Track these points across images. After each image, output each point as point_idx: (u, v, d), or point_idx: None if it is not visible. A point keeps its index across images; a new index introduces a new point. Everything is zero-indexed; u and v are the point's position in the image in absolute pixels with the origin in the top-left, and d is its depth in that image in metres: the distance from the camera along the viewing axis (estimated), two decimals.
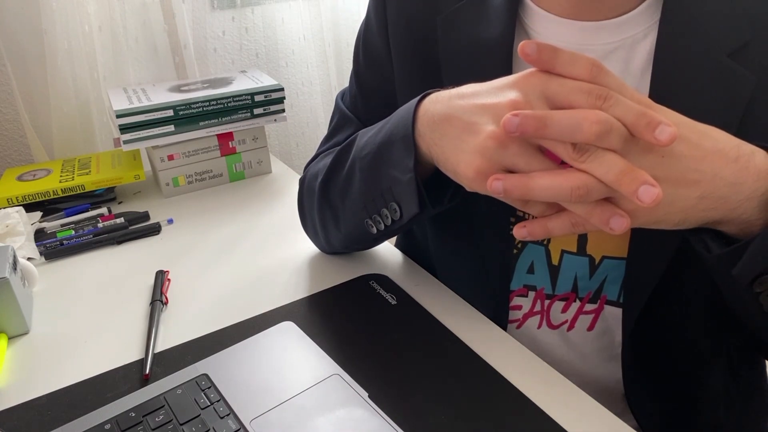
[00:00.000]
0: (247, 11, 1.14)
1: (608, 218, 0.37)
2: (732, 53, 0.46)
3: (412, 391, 0.48)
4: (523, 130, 0.37)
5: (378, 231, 0.54)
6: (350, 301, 0.60)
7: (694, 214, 0.39)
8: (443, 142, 0.43)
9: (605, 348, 0.58)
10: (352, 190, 0.54)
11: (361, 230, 0.55)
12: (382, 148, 0.49)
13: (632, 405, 0.58)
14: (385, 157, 0.49)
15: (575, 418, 0.45)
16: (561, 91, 0.37)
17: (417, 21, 0.57)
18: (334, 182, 0.56)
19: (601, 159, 0.36)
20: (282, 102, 0.90)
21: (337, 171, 0.56)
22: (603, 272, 0.55)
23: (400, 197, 0.49)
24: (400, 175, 0.47)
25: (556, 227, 0.40)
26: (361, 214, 0.54)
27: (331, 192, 0.57)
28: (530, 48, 0.38)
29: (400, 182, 0.48)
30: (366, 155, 0.51)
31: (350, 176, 0.53)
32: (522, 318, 0.59)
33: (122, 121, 0.80)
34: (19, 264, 0.61)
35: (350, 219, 0.56)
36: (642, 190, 0.34)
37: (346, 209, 0.56)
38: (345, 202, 0.55)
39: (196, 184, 0.89)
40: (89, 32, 0.96)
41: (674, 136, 0.34)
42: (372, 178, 0.51)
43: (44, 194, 0.83)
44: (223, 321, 0.58)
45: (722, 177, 0.38)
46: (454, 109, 0.42)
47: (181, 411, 0.45)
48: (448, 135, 0.43)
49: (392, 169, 0.48)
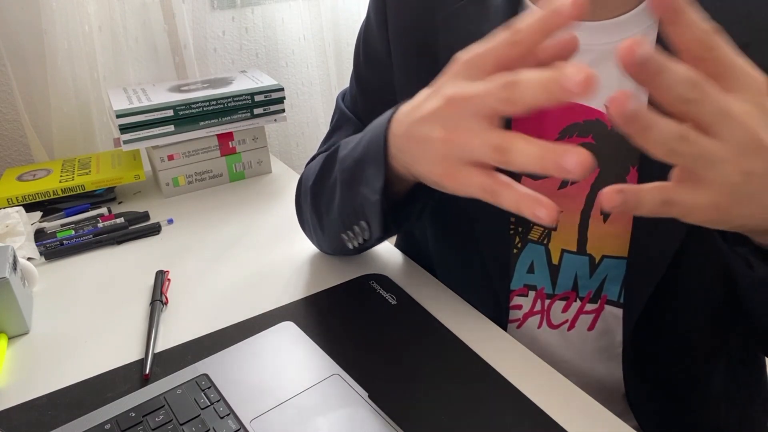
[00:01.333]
0: (247, 11, 1.14)
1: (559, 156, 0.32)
2: None
3: (412, 391, 0.48)
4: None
5: (353, 246, 0.55)
6: (350, 301, 0.60)
7: (754, 221, 0.34)
8: (414, 161, 0.43)
9: (605, 348, 0.58)
10: (334, 202, 0.54)
11: (341, 243, 0.56)
12: (357, 164, 0.49)
13: (632, 405, 0.58)
14: (359, 175, 0.49)
15: (575, 418, 0.45)
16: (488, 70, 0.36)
17: (417, 21, 0.57)
18: (321, 190, 0.57)
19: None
20: (282, 102, 0.90)
21: (324, 179, 0.56)
22: (603, 271, 0.55)
23: (368, 217, 0.49)
24: (370, 195, 0.48)
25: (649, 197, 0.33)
26: (339, 227, 0.55)
27: (319, 199, 0.58)
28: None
29: (369, 201, 0.48)
30: (345, 169, 0.51)
31: (333, 188, 0.54)
32: (522, 318, 0.59)
33: (122, 121, 0.80)
34: (19, 264, 0.61)
35: (333, 229, 0.57)
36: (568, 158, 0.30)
37: (330, 219, 0.56)
38: (329, 211, 0.56)
39: (196, 184, 0.89)
40: (89, 32, 0.96)
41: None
42: (348, 193, 0.51)
43: (44, 194, 0.83)
44: (223, 321, 0.58)
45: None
46: (408, 127, 0.42)
47: (181, 411, 0.45)
48: (413, 153, 0.42)
49: (364, 188, 0.49)
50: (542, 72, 0.31)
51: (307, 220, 0.63)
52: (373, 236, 0.51)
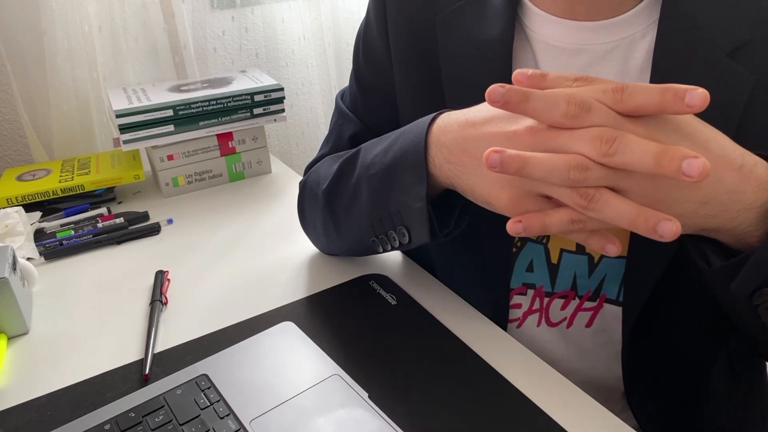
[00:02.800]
0: (247, 11, 1.14)
1: (654, 224, 0.35)
2: (731, 53, 0.46)
3: (412, 391, 0.48)
4: (504, 169, 0.37)
5: (384, 251, 0.54)
6: (350, 301, 0.60)
7: (693, 220, 0.38)
8: (464, 174, 0.43)
9: (604, 345, 0.58)
10: (357, 207, 0.53)
11: (366, 245, 0.55)
12: (391, 170, 0.49)
13: (632, 404, 0.58)
14: (394, 181, 0.49)
15: (575, 417, 0.45)
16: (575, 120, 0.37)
17: (416, 21, 0.57)
18: (339, 194, 0.56)
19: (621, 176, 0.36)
20: (282, 102, 0.90)
21: (342, 183, 0.55)
22: (602, 271, 0.55)
23: (409, 223, 0.49)
24: (411, 202, 0.47)
25: (554, 223, 0.39)
26: (367, 232, 0.54)
27: (335, 203, 0.57)
28: (521, 76, 0.40)
29: (410, 209, 0.48)
30: (374, 175, 0.51)
31: (356, 192, 0.53)
32: (522, 316, 0.59)
33: (122, 121, 0.80)
34: (19, 264, 0.61)
35: (354, 233, 0.56)
36: (686, 164, 0.33)
37: (351, 223, 0.56)
38: (350, 216, 0.55)
39: (195, 184, 0.89)
40: (89, 32, 0.96)
41: (706, 170, 0.33)
42: (380, 199, 0.50)
43: (44, 194, 0.83)
44: (223, 321, 0.58)
45: (724, 183, 0.37)
46: (468, 139, 0.42)
47: (180, 411, 0.45)
48: (467, 167, 0.43)
49: (402, 195, 0.48)
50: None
51: (317, 225, 0.62)
52: (415, 242, 0.50)
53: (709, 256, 0.42)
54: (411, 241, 0.50)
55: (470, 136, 0.42)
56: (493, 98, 0.37)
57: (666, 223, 0.34)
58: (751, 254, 0.38)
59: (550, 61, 0.52)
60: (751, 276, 0.39)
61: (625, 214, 0.35)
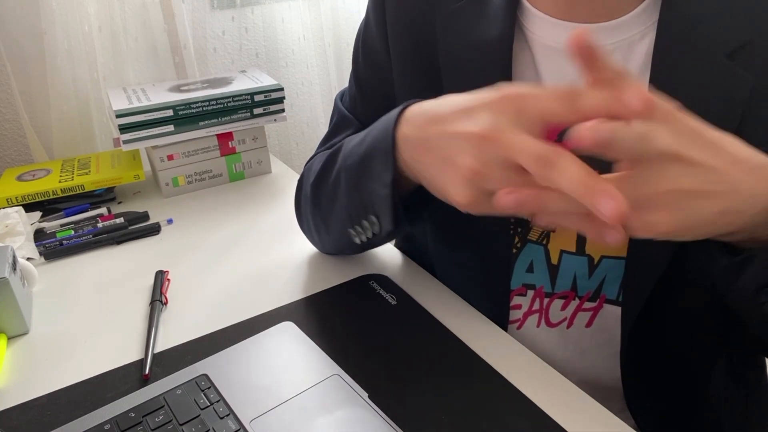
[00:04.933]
0: (247, 11, 1.14)
1: (599, 231, 0.35)
2: (731, 54, 0.46)
3: (412, 391, 0.48)
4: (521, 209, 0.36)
5: (361, 241, 0.55)
6: (350, 301, 0.60)
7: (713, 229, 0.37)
8: (425, 170, 0.43)
9: (604, 345, 0.58)
10: (338, 198, 0.54)
11: (347, 238, 0.56)
12: (364, 159, 0.49)
13: (630, 404, 0.58)
14: (366, 169, 0.49)
15: (575, 417, 0.45)
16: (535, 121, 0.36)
17: (416, 21, 0.57)
18: (323, 188, 0.57)
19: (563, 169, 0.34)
20: (282, 102, 0.90)
21: (326, 177, 0.56)
22: (602, 272, 0.55)
23: (378, 211, 0.49)
24: (379, 189, 0.48)
25: None
26: (345, 223, 0.54)
27: (321, 197, 0.57)
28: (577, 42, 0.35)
29: (378, 196, 0.48)
30: (350, 165, 0.51)
31: (336, 184, 0.54)
32: (522, 317, 0.59)
33: (122, 121, 0.80)
34: (19, 264, 0.61)
35: (337, 225, 0.56)
36: (603, 202, 0.31)
37: (334, 216, 0.56)
38: (333, 208, 0.56)
39: (195, 184, 0.89)
40: (89, 32, 0.96)
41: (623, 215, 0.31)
42: (355, 188, 0.51)
43: (44, 194, 0.83)
44: (223, 321, 0.58)
45: (741, 191, 0.36)
46: (429, 136, 0.42)
47: (180, 411, 0.45)
48: (427, 163, 0.42)
49: (372, 182, 0.49)
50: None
51: (308, 220, 0.63)
52: (384, 230, 0.50)
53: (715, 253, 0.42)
54: (381, 230, 0.50)
55: (431, 133, 0.42)
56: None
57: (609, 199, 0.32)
58: (758, 252, 0.38)
59: (549, 63, 0.52)
60: (757, 273, 0.39)
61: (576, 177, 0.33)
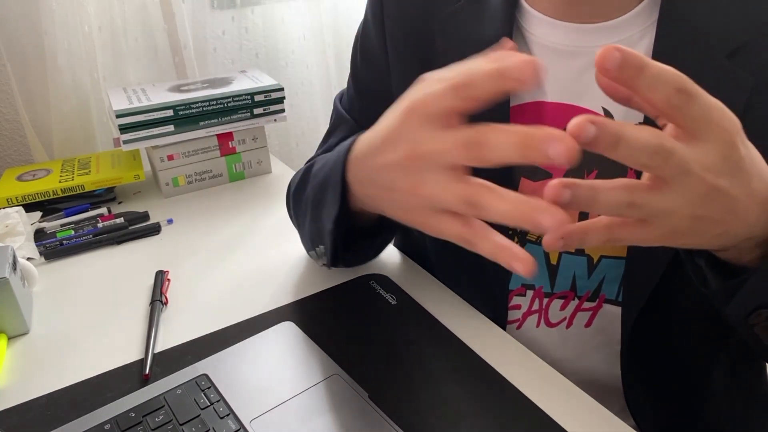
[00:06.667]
0: (247, 11, 1.14)
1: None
2: (730, 54, 0.46)
3: (412, 391, 0.48)
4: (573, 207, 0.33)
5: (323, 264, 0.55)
6: (350, 301, 0.60)
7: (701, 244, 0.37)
8: (382, 204, 0.42)
9: (603, 345, 0.58)
10: (306, 217, 0.55)
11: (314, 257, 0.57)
12: (321, 187, 0.50)
13: (630, 404, 0.58)
14: (322, 199, 0.50)
15: (574, 417, 0.45)
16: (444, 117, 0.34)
17: (414, 22, 0.57)
18: (297, 201, 0.58)
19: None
20: (282, 102, 0.90)
21: (300, 191, 0.57)
22: (601, 272, 0.55)
23: (324, 243, 0.51)
24: (327, 223, 0.49)
25: (593, 235, 0.34)
26: (308, 244, 0.56)
27: (298, 210, 0.59)
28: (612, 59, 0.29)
29: (326, 229, 0.49)
30: (313, 187, 0.52)
31: (306, 202, 0.54)
32: (521, 317, 0.59)
33: (122, 121, 0.80)
34: (19, 264, 0.61)
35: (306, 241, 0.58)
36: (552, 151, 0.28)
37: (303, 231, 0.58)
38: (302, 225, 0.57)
39: (195, 184, 0.89)
40: (89, 32, 0.96)
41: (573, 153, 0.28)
42: (313, 214, 0.52)
43: (44, 194, 0.83)
44: (223, 321, 0.58)
45: (745, 219, 0.35)
46: (369, 173, 0.41)
47: (181, 411, 0.45)
48: (380, 198, 0.42)
49: (324, 213, 0.49)
50: (509, 132, 0.30)
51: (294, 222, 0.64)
52: (328, 261, 0.51)
53: (706, 274, 0.42)
54: (327, 261, 0.51)
55: (369, 169, 0.41)
56: (583, 139, 0.29)
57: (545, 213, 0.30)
58: (748, 278, 0.39)
59: (547, 63, 0.52)
60: (746, 300, 0.39)
61: (504, 209, 0.32)
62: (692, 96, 0.31)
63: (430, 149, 0.34)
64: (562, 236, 0.33)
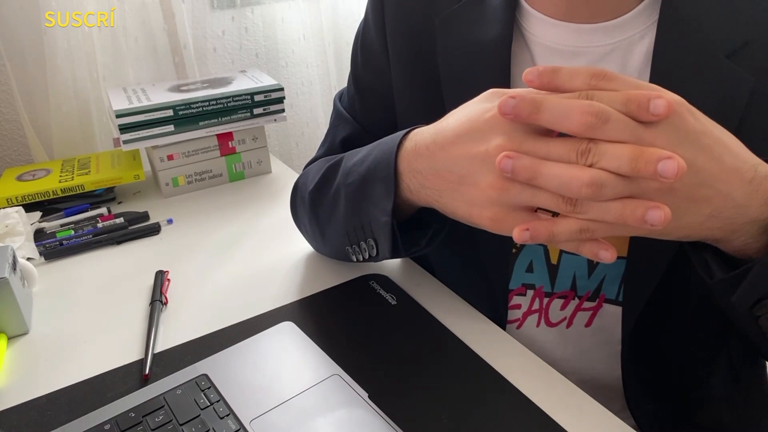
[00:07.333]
0: (247, 11, 1.14)
1: (642, 213, 0.34)
2: (730, 54, 0.46)
3: (412, 391, 0.48)
4: (515, 176, 0.36)
5: (358, 260, 0.55)
6: (350, 301, 0.60)
7: (699, 232, 0.38)
8: (443, 198, 0.43)
9: (604, 344, 0.58)
10: (337, 214, 0.54)
11: (344, 253, 0.56)
12: (364, 182, 0.49)
13: (630, 403, 0.58)
14: (366, 193, 0.49)
15: (574, 417, 0.45)
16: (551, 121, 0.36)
17: (415, 22, 0.57)
18: (322, 200, 0.57)
19: (606, 153, 0.34)
20: (282, 102, 0.90)
21: (325, 190, 0.56)
22: (602, 271, 0.55)
23: (377, 236, 0.50)
24: (379, 215, 0.48)
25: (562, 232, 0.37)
26: (343, 240, 0.54)
27: (319, 209, 0.58)
28: (531, 75, 0.37)
29: (378, 221, 0.48)
30: (350, 183, 0.51)
31: (336, 199, 0.54)
32: (522, 317, 0.59)
33: (122, 121, 0.80)
34: (19, 264, 0.61)
35: (335, 239, 0.57)
36: (661, 166, 0.32)
37: (332, 229, 0.57)
38: (330, 222, 0.56)
39: (195, 184, 0.89)
40: (89, 32, 0.96)
41: (682, 169, 0.32)
42: (354, 209, 0.51)
43: (44, 194, 0.83)
44: (223, 321, 0.58)
45: (733, 197, 0.36)
46: (441, 163, 0.42)
47: (180, 411, 0.45)
48: (444, 190, 0.42)
49: (372, 207, 0.49)
50: (628, 152, 0.33)
51: (305, 224, 0.63)
52: (381, 256, 0.50)
53: (711, 265, 0.42)
54: (378, 254, 0.50)
55: (442, 159, 0.41)
56: (504, 110, 0.36)
57: (654, 210, 0.33)
58: (751, 267, 0.39)
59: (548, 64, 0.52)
60: (751, 289, 0.39)
61: (611, 210, 0.35)
62: (609, 77, 0.36)
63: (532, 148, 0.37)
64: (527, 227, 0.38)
